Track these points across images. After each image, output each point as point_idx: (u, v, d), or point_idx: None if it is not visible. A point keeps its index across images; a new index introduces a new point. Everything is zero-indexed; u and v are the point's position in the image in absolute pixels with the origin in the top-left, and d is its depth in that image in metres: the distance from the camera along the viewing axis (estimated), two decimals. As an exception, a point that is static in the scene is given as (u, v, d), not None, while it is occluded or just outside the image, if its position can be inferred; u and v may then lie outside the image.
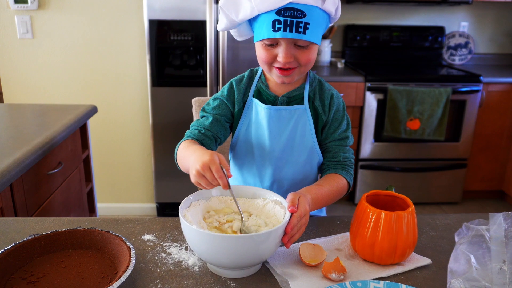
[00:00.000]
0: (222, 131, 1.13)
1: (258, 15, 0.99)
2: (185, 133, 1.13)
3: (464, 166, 3.05)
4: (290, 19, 0.94)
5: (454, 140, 2.99)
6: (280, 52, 0.99)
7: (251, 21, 1.04)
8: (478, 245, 0.82)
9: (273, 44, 1.00)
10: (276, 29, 0.95)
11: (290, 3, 0.93)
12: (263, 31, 0.98)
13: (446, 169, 3.05)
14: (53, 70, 2.76)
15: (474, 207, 3.14)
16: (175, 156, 1.09)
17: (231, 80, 1.16)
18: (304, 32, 0.95)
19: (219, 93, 1.16)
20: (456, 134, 2.98)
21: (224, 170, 0.86)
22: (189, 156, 0.95)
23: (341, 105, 1.14)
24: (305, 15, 0.94)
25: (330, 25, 1.07)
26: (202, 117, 1.15)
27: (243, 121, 1.13)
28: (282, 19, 0.94)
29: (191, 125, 1.14)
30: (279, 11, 0.94)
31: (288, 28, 0.94)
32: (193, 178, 0.89)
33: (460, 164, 3.05)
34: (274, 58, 1.01)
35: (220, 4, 1.03)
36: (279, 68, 1.02)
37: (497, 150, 3.09)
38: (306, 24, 0.94)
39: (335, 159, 1.12)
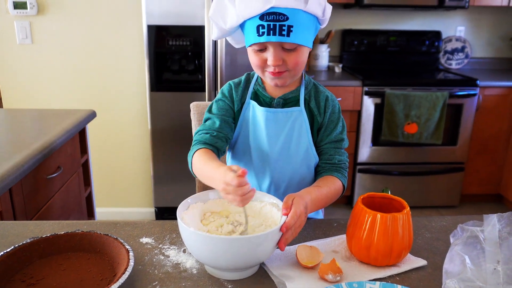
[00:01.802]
0: (231, 131, 1.15)
1: (245, 22, 1.02)
2: (195, 139, 1.12)
3: (461, 169, 3.07)
4: (273, 23, 0.97)
5: (451, 144, 3.01)
6: (269, 56, 1.02)
7: (242, 28, 1.06)
8: (472, 246, 0.83)
9: (262, 48, 1.03)
10: (261, 33, 0.98)
11: (272, 7, 0.96)
12: (250, 36, 1.01)
13: (443, 173, 3.06)
14: (52, 75, 2.78)
15: (472, 211, 3.15)
16: (190, 165, 1.09)
17: (229, 82, 1.19)
18: (288, 35, 0.97)
19: (219, 96, 1.18)
20: (453, 138, 3.00)
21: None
22: (210, 174, 0.96)
23: (336, 107, 1.15)
24: (287, 18, 0.96)
25: (322, 26, 1.09)
26: (206, 120, 1.15)
27: (241, 122, 1.15)
28: (265, 23, 0.97)
29: (197, 131, 1.14)
30: (262, 16, 0.97)
31: (271, 32, 0.97)
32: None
33: (458, 167, 3.06)
34: (264, 62, 1.04)
35: (209, 14, 1.06)
36: (271, 72, 1.04)
37: (494, 153, 3.11)
38: (290, 27, 0.97)
39: (330, 162, 1.14)
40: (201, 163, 1.02)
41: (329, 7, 1.05)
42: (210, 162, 0.99)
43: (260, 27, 0.98)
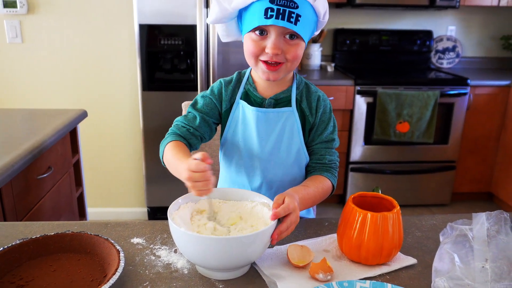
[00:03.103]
0: (208, 132, 1.15)
1: (250, 4, 1.00)
2: (172, 128, 1.13)
3: (453, 168, 3.09)
4: (283, 8, 0.96)
5: (442, 143, 3.03)
6: (269, 43, 1.00)
7: (241, 15, 1.05)
8: (461, 245, 0.84)
9: (262, 33, 1.01)
10: (269, 16, 0.96)
11: None
12: (255, 19, 0.99)
13: (435, 171, 3.08)
14: (43, 74, 2.76)
15: (463, 209, 3.17)
16: (161, 154, 1.10)
17: (220, 79, 1.17)
18: (295, 23, 0.97)
19: (208, 92, 1.16)
20: (444, 136, 3.02)
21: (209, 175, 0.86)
22: (176, 166, 0.98)
23: (327, 107, 1.15)
24: (297, 7, 0.96)
25: (316, 32, 1.09)
26: (189, 112, 1.15)
27: (230, 122, 1.14)
28: (275, 7, 0.96)
29: (176, 120, 1.14)
30: (272, 0, 0.96)
31: (280, 16, 0.96)
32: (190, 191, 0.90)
33: (449, 166, 3.08)
34: (261, 51, 1.02)
35: None
36: (266, 63, 1.03)
37: (485, 152, 3.13)
38: (298, 15, 0.97)
39: (320, 161, 1.14)
40: (171, 154, 1.03)
41: (328, 14, 1.06)
42: (180, 155, 1.00)
43: (269, 10, 0.96)
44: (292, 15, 0.96)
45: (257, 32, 1.01)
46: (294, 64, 1.05)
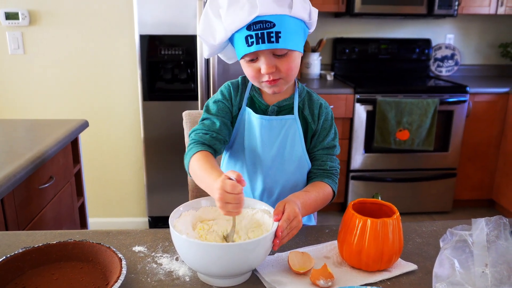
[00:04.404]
0: (228, 135, 1.15)
1: (233, 36, 1.02)
2: (193, 138, 1.11)
3: (453, 175, 3.09)
4: (261, 31, 0.97)
5: (443, 150, 3.03)
6: (262, 65, 1.02)
7: (231, 42, 1.07)
8: (461, 250, 0.84)
9: (253, 58, 1.03)
10: (250, 43, 0.98)
11: (257, 16, 0.96)
12: (240, 48, 1.01)
13: (436, 179, 3.08)
14: (45, 85, 2.78)
15: (464, 216, 3.17)
16: (186, 165, 1.08)
17: (227, 82, 1.18)
18: (277, 41, 0.98)
19: (219, 97, 1.16)
20: (444, 144, 3.02)
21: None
22: (207, 182, 0.96)
23: (329, 115, 1.17)
24: (274, 25, 0.97)
25: (310, 30, 1.09)
26: (204, 119, 1.14)
27: (237, 127, 1.16)
28: (253, 33, 0.98)
29: (194, 129, 1.13)
30: (249, 27, 0.98)
31: (260, 40, 0.97)
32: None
33: (450, 173, 3.09)
34: (259, 72, 1.04)
35: (198, 32, 1.06)
36: (266, 80, 1.05)
37: (485, 159, 3.14)
38: (278, 33, 0.97)
39: (322, 168, 1.15)
40: (199, 167, 1.01)
41: (315, 11, 1.06)
42: (209, 168, 0.98)
43: (249, 37, 0.98)
44: (272, 34, 0.97)
45: (247, 58, 1.03)
46: (292, 75, 1.06)
